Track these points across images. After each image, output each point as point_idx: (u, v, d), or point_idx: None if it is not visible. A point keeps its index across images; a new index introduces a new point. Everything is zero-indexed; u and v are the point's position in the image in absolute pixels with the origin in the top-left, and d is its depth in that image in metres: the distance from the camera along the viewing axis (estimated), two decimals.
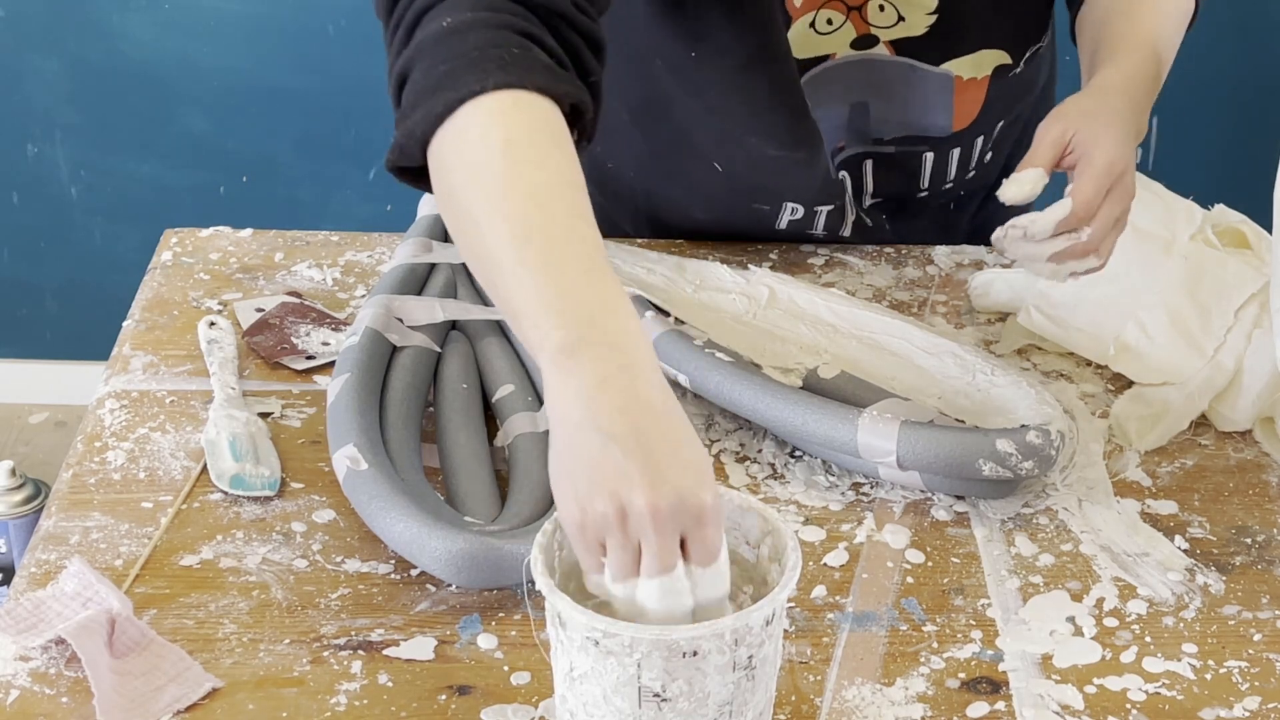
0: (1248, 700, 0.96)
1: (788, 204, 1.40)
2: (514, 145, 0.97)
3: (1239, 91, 2.51)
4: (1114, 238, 1.16)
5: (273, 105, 2.54)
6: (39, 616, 0.98)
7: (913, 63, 1.33)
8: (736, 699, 0.85)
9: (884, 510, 1.12)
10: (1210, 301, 1.22)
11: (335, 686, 0.95)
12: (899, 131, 1.37)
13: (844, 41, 1.31)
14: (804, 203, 1.39)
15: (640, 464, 0.84)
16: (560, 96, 1.00)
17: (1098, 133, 1.15)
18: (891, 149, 1.38)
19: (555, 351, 0.88)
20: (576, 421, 0.86)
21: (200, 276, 1.36)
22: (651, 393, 0.86)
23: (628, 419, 0.85)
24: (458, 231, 0.99)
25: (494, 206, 0.95)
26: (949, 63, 1.34)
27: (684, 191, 1.42)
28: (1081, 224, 1.13)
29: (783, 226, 1.42)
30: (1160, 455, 1.19)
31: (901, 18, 1.30)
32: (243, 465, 1.12)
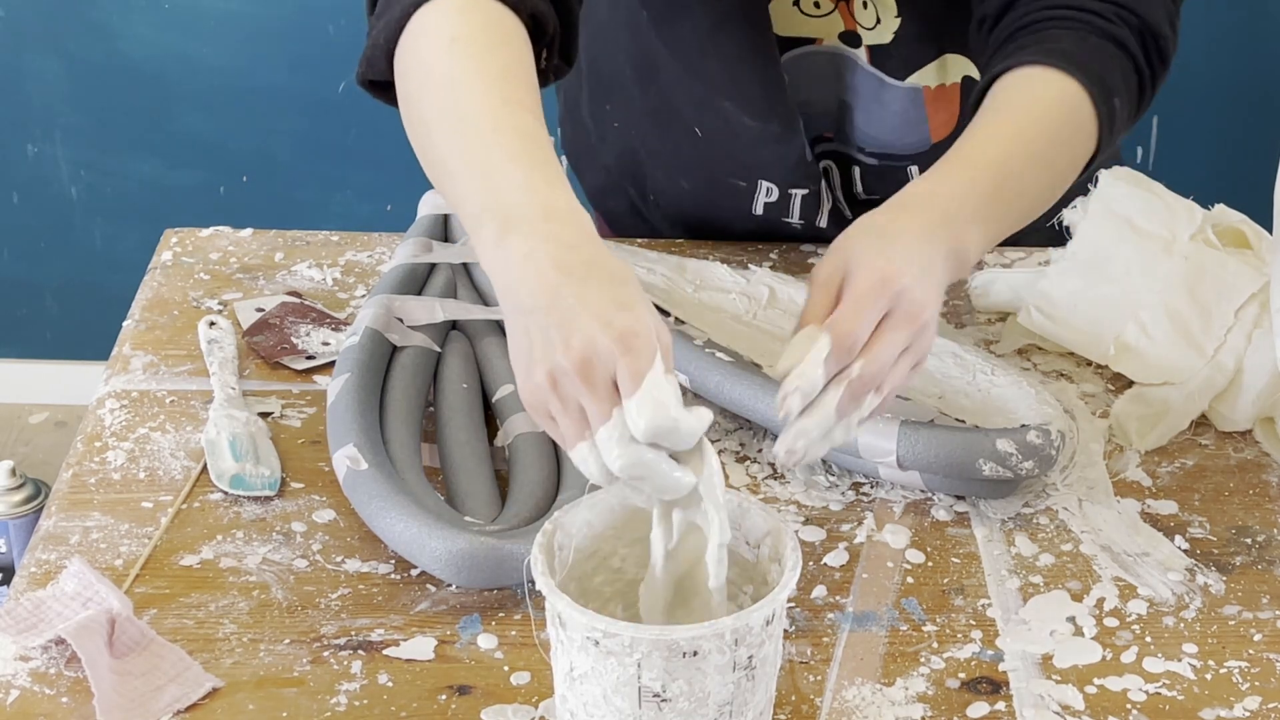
0: (1248, 700, 0.96)
1: (763, 183, 1.39)
2: (458, 42, 0.99)
3: (1239, 91, 2.51)
4: (902, 371, 0.95)
5: (273, 105, 2.54)
6: (39, 616, 0.98)
7: (882, 76, 1.32)
8: (736, 699, 0.85)
9: (884, 510, 1.12)
10: (1210, 301, 1.22)
11: (335, 686, 0.95)
12: (878, 147, 1.37)
13: (832, 31, 1.31)
14: (778, 183, 1.39)
15: (556, 327, 0.84)
16: (516, 6, 1.03)
17: (871, 248, 0.95)
18: (874, 161, 1.38)
19: (489, 246, 0.90)
20: (511, 308, 0.88)
21: (200, 276, 1.36)
22: (569, 256, 0.87)
23: (545, 288, 0.86)
24: (414, 137, 1.01)
25: (435, 105, 0.98)
26: (915, 75, 1.32)
27: (671, 155, 1.43)
28: (849, 356, 0.92)
29: (759, 211, 1.41)
30: (1160, 455, 1.19)
31: (879, 19, 1.29)
32: (243, 465, 1.12)
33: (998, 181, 1.03)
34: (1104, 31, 1.10)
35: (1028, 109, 1.07)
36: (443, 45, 1.00)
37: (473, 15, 1.02)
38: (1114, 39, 1.11)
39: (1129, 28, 1.11)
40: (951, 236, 0.98)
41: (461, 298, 1.28)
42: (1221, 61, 2.48)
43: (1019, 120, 1.07)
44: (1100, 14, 1.11)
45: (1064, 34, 1.10)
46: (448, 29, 1.01)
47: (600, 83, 1.43)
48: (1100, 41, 1.10)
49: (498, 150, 0.94)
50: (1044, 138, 1.06)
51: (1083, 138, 1.08)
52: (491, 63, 0.99)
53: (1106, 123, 1.08)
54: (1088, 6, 1.11)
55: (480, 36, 1.01)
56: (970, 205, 1.00)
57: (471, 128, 0.96)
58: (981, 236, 1.01)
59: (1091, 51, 1.09)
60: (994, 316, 1.33)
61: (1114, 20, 1.11)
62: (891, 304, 0.92)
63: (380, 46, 1.04)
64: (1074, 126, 1.08)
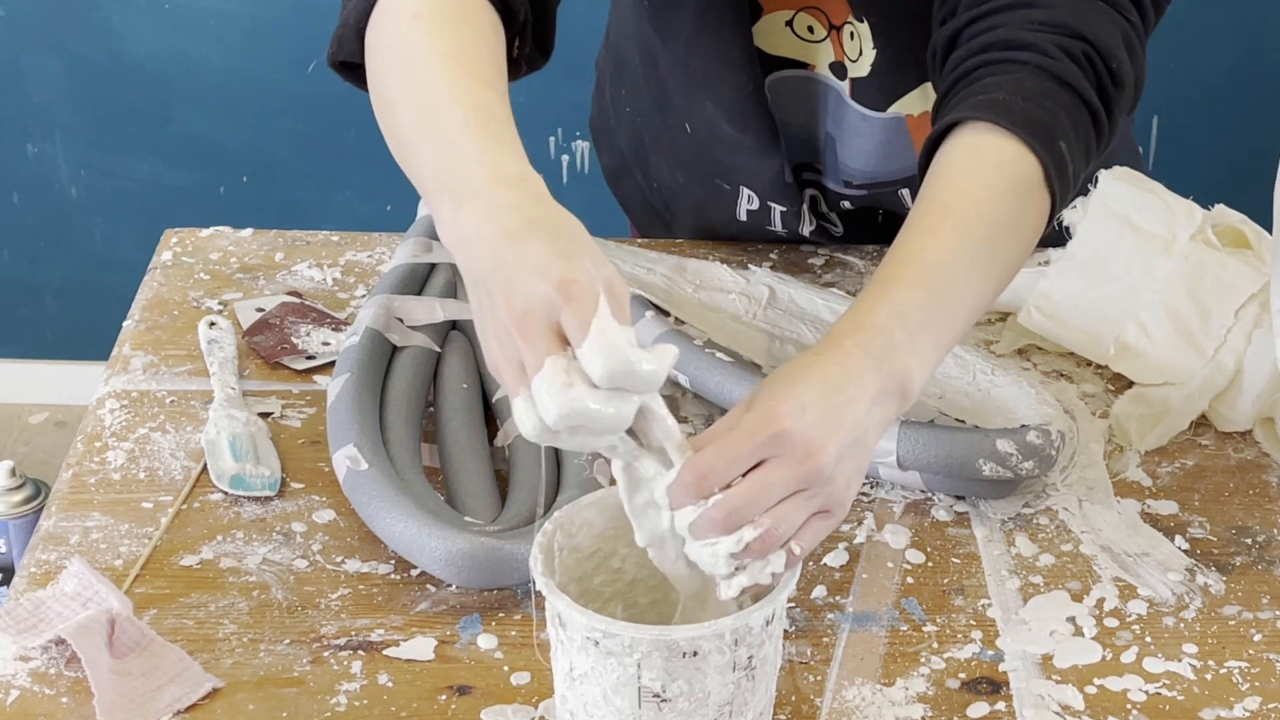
0: (1248, 700, 0.96)
1: (744, 189, 1.39)
2: (419, 18, 1.00)
3: (1239, 91, 2.51)
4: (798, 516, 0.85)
5: (273, 105, 2.54)
6: (39, 616, 0.98)
7: (863, 110, 1.31)
8: (736, 699, 0.85)
9: (884, 510, 1.12)
10: (1210, 301, 1.22)
11: (335, 686, 0.95)
12: (864, 179, 1.36)
13: (823, 60, 1.30)
14: (758, 194, 1.39)
15: (499, 287, 0.84)
16: None
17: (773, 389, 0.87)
18: (864, 193, 1.38)
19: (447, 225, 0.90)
20: (469, 283, 0.88)
21: (200, 276, 1.36)
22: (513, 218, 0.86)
23: (491, 254, 0.85)
24: (380, 115, 1.01)
25: (397, 83, 0.98)
26: (896, 104, 1.30)
27: (669, 146, 1.43)
28: (699, 490, 0.84)
29: (743, 217, 1.41)
30: (1160, 455, 1.19)
31: (861, 51, 1.27)
32: (243, 465, 1.12)
33: (939, 293, 0.94)
34: (1044, 70, 1.03)
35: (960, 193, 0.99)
36: (405, 21, 1.01)
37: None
38: (1056, 76, 1.03)
39: (1072, 58, 1.04)
40: (881, 374, 0.89)
41: (461, 298, 1.28)
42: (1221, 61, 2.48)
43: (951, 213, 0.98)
44: (1039, 49, 1.04)
45: (999, 81, 1.03)
46: (410, 5, 1.01)
47: (618, 65, 1.44)
48: (1041, 83, 1.03)
49: (453, 124, 0.94)
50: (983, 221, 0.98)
51: (1030, 198, 1.00)
52: (451, 38, 0.99)
53: (1055, 171, 1.00)
54: (1026, 42, 1.04)
55: (443, 12, 1.01)
56: (908, 329, 0.92)
57: (429, 102, 0.96)
58: (929, 354, 0.94)
59: (1029, 98, 1.01)
60: (994, 316, 1.33)
61: (1054, 54, 1.04)
62: (773, 448, 0.84)
63: (350, 26, 1.05)
64: (1015, 193, 1.00)
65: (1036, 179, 1.00)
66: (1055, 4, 1.05)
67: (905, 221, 0.99)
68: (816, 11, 1.27)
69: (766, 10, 1.28)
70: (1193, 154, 2.53)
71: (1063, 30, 1.04)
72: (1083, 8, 1.05)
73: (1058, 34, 1.04)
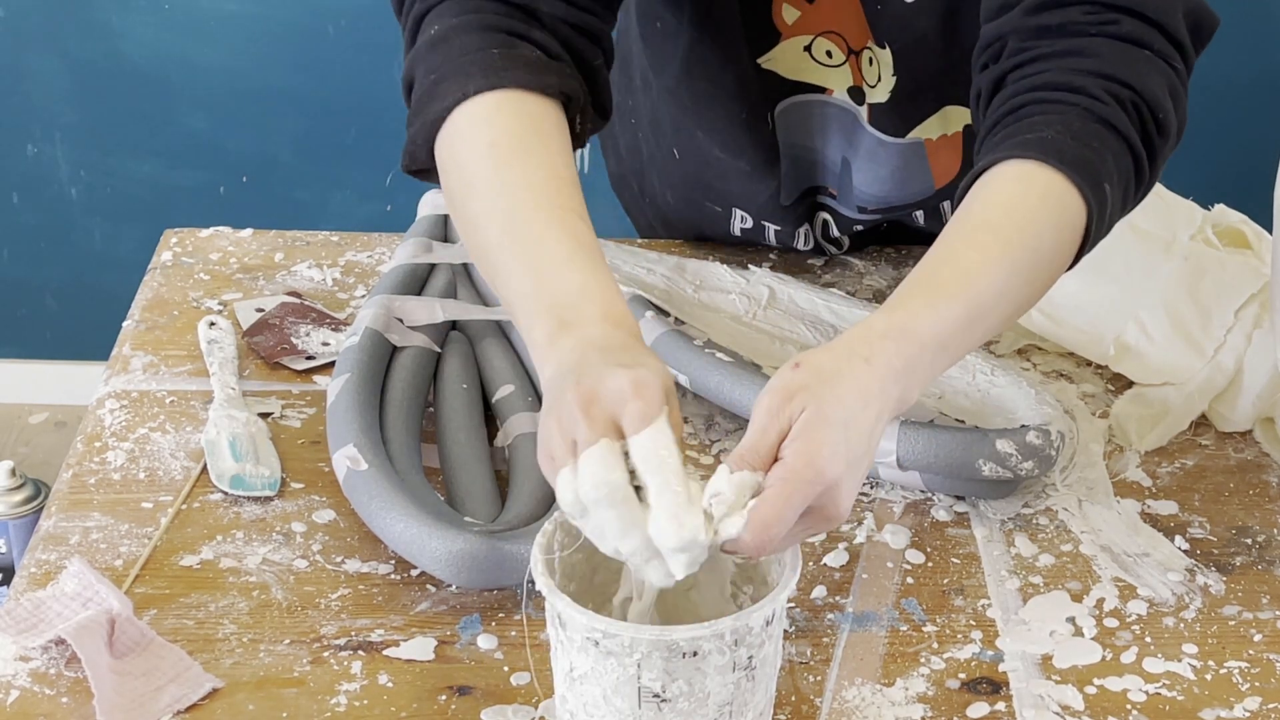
0: (1248, 700, 0.96)
1: (737, 210, 1.39)
2: (496, 147, 1.00)
3: (1239, 91, 2.51)
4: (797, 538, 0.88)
5: (273, 105, 2.54)
6: (39, 616, 0.98)
7: (881, 136, 1.30)
8: (736, 699, 0.85)
9: (884, 510, 1.12)
10: (1210, 301, 1.22)
11: (335, 687, 0.95)
12: (878, 204, 1.35)
13: (842, 84, 1.29)
14: (751, 214, 1.39)
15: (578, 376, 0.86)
16: (545, 89, 1.03)
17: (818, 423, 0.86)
18: (877, 217, 1.38)
19: (541, 345, 0.92)
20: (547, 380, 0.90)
21: (200, 276, 1.36)
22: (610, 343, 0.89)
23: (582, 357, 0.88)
24: (463, 234, 1.03)
25: (484, 209, 0.99)
26: (915, 130, 1.30)
27: (661, 166, 1.44)
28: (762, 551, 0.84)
29: (736, 234, 1.42)
30: (1160, 455, 1.19)
31: (880, 78, 1.27)
32: (243, 465, 1.12)
33: (976, 317, 0.95)
34: (1092, 113, 1.03)
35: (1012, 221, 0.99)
36: (481, 151, 1.01)
37: (507, 115, 1.02)
38: (1103, 120, 1.03)
39: (1120, 104, 1.04)
40: (900, 388, 0.91)
41: (461, 298, 1.28)
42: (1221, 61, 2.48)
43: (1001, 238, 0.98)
44: (1088, 92, 1.04)
45: (1049, 120, 1.03)
46: (485, 134, 1.01)
47: (622, 76, 1.44)
48: (1088, 125, 1.03)
49: (550, 255, 0.95)
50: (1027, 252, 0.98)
51: (1069, 233, 1.00)
52: (533, 167, 1.00)
53: (1096, 213, 1.01)
54: (1075, 85, 1.04)
55: (518, 139, 1.01)
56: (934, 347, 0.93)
57: (522, 234, 0.97)
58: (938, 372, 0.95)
59: (1077, 137, 1.02)
60: None
61: (1103, 98, 1.04)
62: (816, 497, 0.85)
63: (420, 145, 1.05)
64: (1058, 225, 1.00)
65: (1079, 217, 1.00)
66: (1103, 53, 1.05)
67: (950, 228, 0.99)
68: (836, 36, 1.26)
69: (785, 36, 1.28)
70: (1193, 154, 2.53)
71: (1111, 78, 1.04)
72: (1130, 57, 1.05)
73: (1106, 81, 1.04)
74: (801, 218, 1.38)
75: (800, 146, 1.34)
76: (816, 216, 1.38)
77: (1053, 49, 1.06)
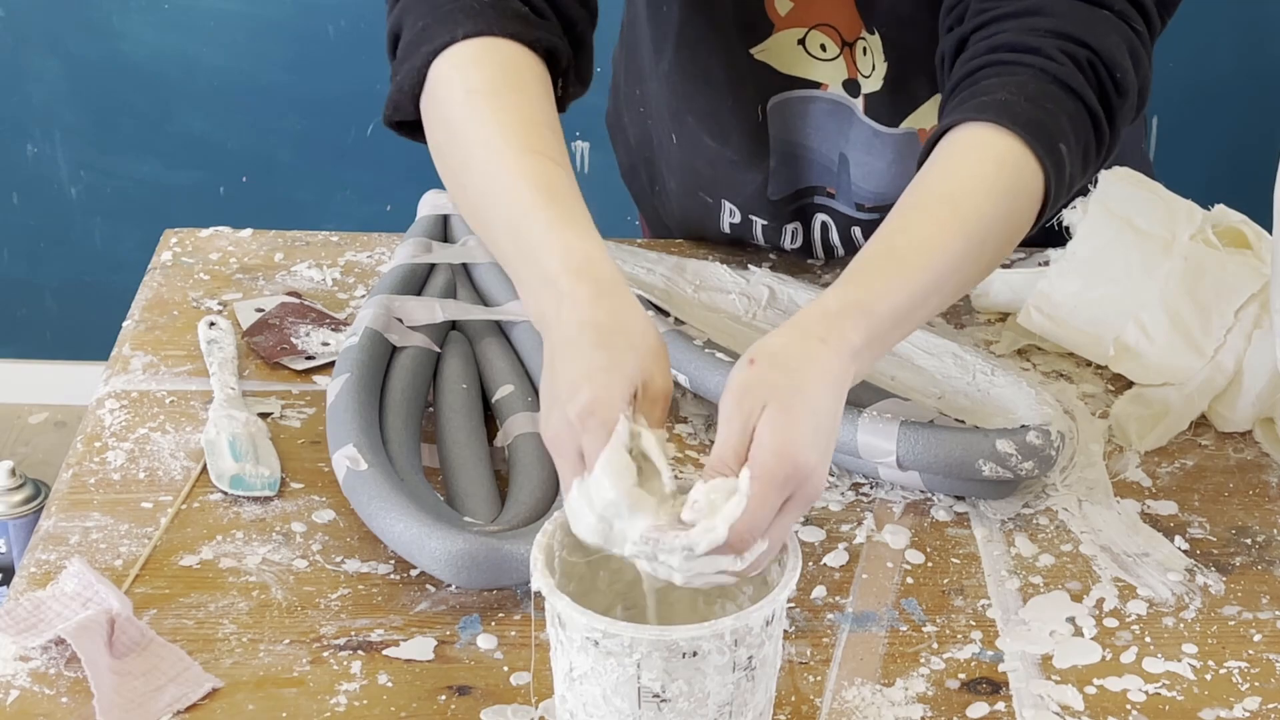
0: (1248, 701, 0.96)
1: (725, 202, 1.39)
2: (475, 94, 1.02)
3: (1239, 91, 2.51)
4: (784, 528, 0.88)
5: (273, 105, 2.54)
6: (39, 616, 0.98)
7: (877, 126, 1.30)
8: (736, 699, 0.85)
9: (884, 510, 1.12)
10: (1210, 301, 1.22)
11: (335, 687, 0.95)
12: (875, 200, 1.35)
13: (837, 78, 1.30)
14: (739, 207, 1.39)
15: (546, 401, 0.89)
16: (532, 42, 1.05)
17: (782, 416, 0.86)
18: (875, 216, 1.37)
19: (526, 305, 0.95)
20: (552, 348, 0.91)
21: (200, 276, 1.36)
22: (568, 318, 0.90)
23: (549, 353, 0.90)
24: (448, 185, 1.05)
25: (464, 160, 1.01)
26: (909, 119, 1.30)
27: (665, 154, 1.44)
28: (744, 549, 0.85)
29: (726, 229, 1.42)
30: (1160, 455, 1.19)
31: (874, 66, 1.27)
32: (243, 465, 1.12)
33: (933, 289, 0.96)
34: (1047, 73, 1.04)
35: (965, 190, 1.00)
36: (460, 98, 1.03)
37: (487, 63, 1.04)
38: (1059, 80, 1.04)
39: (1076, 64, 1.04)
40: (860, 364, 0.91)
41: (461, 298, 1.28)
42: (1221, 61, 2.48)
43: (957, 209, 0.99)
44: (1044, 52, 1.04)
45: (1004, 81, 1.04)
46: (463, 80, 1.03)
47: (630, 63, 1.44)
48: (1044, 86, 1.03)
49: (522, 206, 0.96)
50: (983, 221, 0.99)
51: (1026, 199, 1.01)
52: (508, 113, 1.01)
53: (1054, 175, 1.01)
54: (1031, 45, 1.04)
55: (497, 85, 1.03)
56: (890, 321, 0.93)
57: (496, 184, 0.98)
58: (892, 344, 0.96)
59: (1032, 99, 1.02)
60: (994, 316, 1.33)
61: (1058, 58, 1.04)
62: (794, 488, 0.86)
63: (405, 93, 1.07)
64: (1014, 191, 1.00)
65: (1035, 181, 1.01)
66: (1061, 12, 1.06)
67: (904, 200, 0.99)
68: (829, 29, 1.27)
69: (778, 28, 1.28)
70: (1193, 154, 2.53)
71: (1068, 37, 1.05)
72: (1088, 16, 1.06)
73: (1063, 40, 1.05)
74: (792, 216, 1.38)
75: (793, 144, 1.34)
76: (814, 219, 1.38)
77: (1011, 9, 1.07)
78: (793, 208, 1.37)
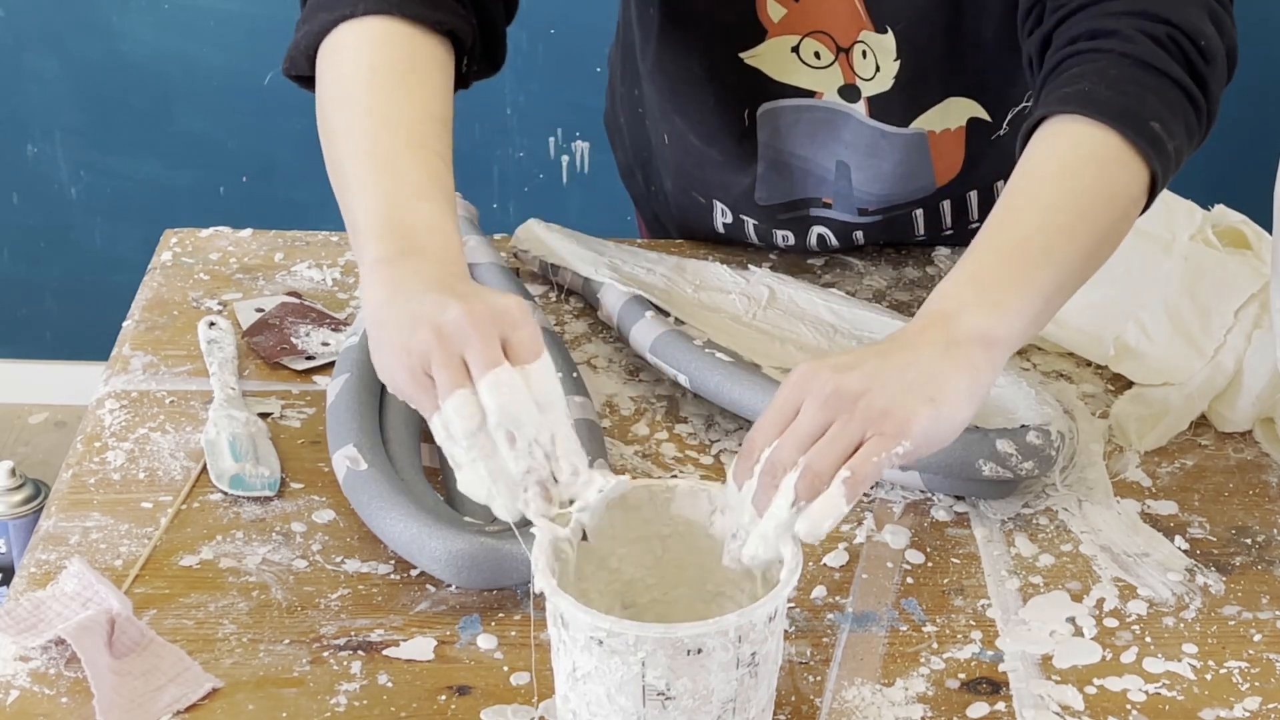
0: (1248, 700, 0.96)
1: (717, 203, 1.39)
2: (375, 72, 1.05)
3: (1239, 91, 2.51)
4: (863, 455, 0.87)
5: (273, 105, 2.54)
6: (39, 616, 0.98)
7: (883, 128, 1.30)
8: (740, 696, 0.85)
9: (884, 510, 1.12)
10: (1210, 301, 1.22)
11: (335, 686, 0.95)
12: (879, 203, 1.35)
13: (832, 85, 1.29)
14: (730, 208, 1.39)
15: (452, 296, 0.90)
16: (435, 24, 1.07)
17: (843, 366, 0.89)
18: (878, 218, 1.37)
19: (374, 261, 0.96)
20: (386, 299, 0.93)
21: (200, 277, 1.36)
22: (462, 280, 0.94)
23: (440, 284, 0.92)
24: (323, 140, 1.07)
25: (348, 126, 1.04)
26: (919, 120, 1.30)
27: (660, 155, 1.44)
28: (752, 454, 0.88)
29: (720, 230, 1.42)
30: (1160, 455, 1.19)
31: (879, 68, 1.27)
32: (242, 465, 1.12)
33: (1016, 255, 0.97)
34: (1128, 55, 1.04)
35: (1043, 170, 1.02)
36: (359, 72, 1.06)
37: (391, 44, 1.06)
38: (1140, 61, 1.04)
39: (1155, 40, 1.05)
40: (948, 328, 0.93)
41: None
42: None
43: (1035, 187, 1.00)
44: (1121, 34, 1.05)
45: (1084, 70, 1.04)
46: (366, 56, 1.06)
47: (626, 64, 1.44)
48: (1125, 70, 1.04)
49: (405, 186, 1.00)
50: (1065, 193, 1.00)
51: (1125, 172, 1.01)
52: (406, 100, 1.04)
53: (1154, 153, 1.01)
54: (1108, 29, 1.05)
55: (397, 70, 1.05)
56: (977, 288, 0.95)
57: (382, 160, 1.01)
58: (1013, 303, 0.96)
59: (1114, 85, 1.02)
60: None
61: (1136, 39, 1.04)
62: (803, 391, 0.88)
63: (302, 50, 1.11)
64: (1102, 162, 1.01)
65: (1122, 150, 1.01)
66: None
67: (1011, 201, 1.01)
68: (823, 36, 1.26)
69: (771, 34, 1.28)
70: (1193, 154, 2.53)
71: (1144, 15, 1.06)
72: None
73: (1139, 19, 1.06)
74: (784, 224, 1.38)
75: (784, 153, 1.34)
76: (810, 232, 1.38)
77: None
78: (785, 217, 1.37)
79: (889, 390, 0.89)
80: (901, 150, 1.30)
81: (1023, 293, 0.96)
